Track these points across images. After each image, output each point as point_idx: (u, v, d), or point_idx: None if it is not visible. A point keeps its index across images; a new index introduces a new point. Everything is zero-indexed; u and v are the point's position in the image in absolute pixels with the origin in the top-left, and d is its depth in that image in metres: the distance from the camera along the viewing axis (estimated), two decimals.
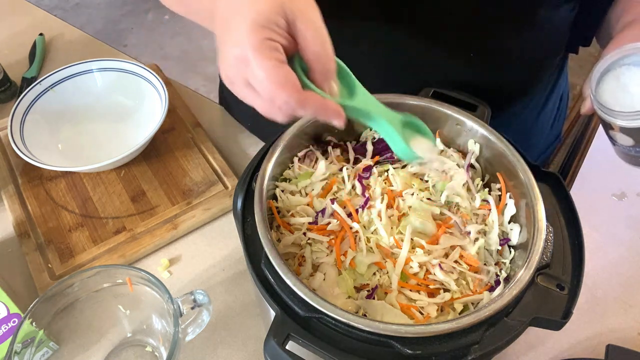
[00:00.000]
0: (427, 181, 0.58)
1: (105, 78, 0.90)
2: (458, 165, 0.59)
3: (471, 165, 0.59)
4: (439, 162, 0.59)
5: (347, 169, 0.59)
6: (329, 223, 0.54)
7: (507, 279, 0.51)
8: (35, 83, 0.85)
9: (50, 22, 1.17)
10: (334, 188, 0.58)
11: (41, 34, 1.09)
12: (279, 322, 0.43)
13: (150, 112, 0.86)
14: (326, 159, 0.60)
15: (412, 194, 0.56)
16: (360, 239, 0.53)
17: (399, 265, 0.50)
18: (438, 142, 0.61)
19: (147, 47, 2.83)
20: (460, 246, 0.53)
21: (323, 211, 0.55)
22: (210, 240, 0.77)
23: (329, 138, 0.63)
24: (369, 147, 0.62)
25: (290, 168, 0.60)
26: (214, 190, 0.80)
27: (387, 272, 0.51)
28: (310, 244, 0.53)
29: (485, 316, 0.42)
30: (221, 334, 0.66)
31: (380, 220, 0.53)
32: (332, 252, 0.52)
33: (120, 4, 3.10)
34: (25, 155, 0.75)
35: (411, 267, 0.51)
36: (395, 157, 0.61)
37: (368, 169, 0.59)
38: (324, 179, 0.58)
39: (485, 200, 0.56)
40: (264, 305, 0.48)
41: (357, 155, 0.62)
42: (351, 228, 0.53)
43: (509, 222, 0.55)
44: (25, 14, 1.19)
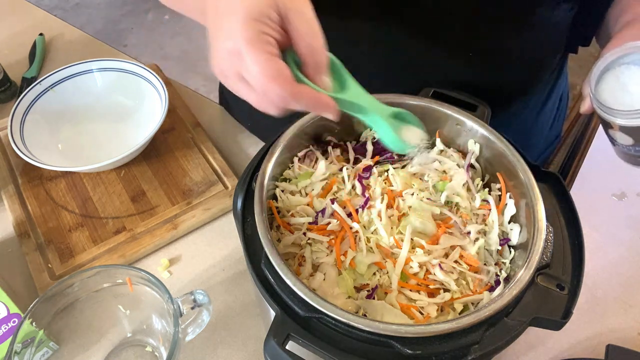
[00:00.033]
0: (427, 181, 0.58)
1: (105, 78, 0.90)
2: (458, 165, 0.59)
3: (471, 165, 0.59)
4: (438, 162, 0.59)
5: (347, 169, 0.59)
6: (329, 223, 0.54)
7: (507, 279, 0.51)
8: (35, 83, 0.85)
9: (50, 22, 1.17)
10: (334, 188, 0.58)
11: (41, 34, 1.09)
12: (279, 322, 0.43)
13: (150, 112, 0.86)
14: (326, 159, 0.60)
15: (412, 194, 0.56)
16: (360, 239, 0.53)
17: (399, 265, 0.50)
18: (438, 142, 0.61)
19: (147, 47, 2.83)
20: (460, 246, 0.53)
21: (323, 211, 0.55)
22: (210, 240, 0.77)
23: (329, 138, 0.63)
24: (369, 147, 0.62)
25: (290, 168, 0.60)
26: (214, 190, 0.80)
27: (387, 272, 0.51)
28: (310, 244, 0.53)
29: (485, 316, 0.42)
30: (221, 334, 0.66)
31: (380, 220, 0.53)
32: (332, 252, 0.52)
33: (120, 4, 3.10)
34: (25, 155, 0.75)
35: (411, 267, 0.51)
36: (395, 157, 0.61)
37: (368, 169, 0.59)
38: (324, 179, 0.58)
39: (485, 200, 0.56)
40: (264, 305, 0.48)
41: (357, 155, 0.62)
42: (351, 228, 0.53)
43: (509, 222, 0.55)
44: (25, 14, 1.19)
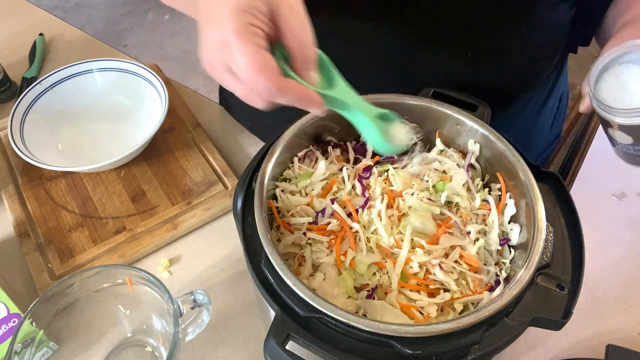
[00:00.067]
0: (427, 181, 0.58)
1: (105, 78, 0.90)
2: (458, 165, 0.59)
3: (471, 165, 0.59)
4: (438, 162, 0.59)
5: (347, 169, 0.59)
6: (329, 223, 0.54)
7: (507, 279, 0.51)
8: (35, 83, 0.85)
9: (50, 22, 1.17)
10: (334, 188, 0.58)
11: (41, 34, 1.09)
12: (279, 322, 0.43)
13: (150, 112, 0.86)
14: (326, 159, 0.60)
15: (412, 194, 0.56)
16: (360, 239, 0.53)
17: (399, 265, 0.50)
18: (438, 142, 0.61)
19: (147, 47, 2.83)
20: (460, 246, 0.53)
21: (323, 211, 0.55)
22: (210, 240, 0.77)
23: (329, 138, 0.63)
24: (369, 147, 0.62)
25: (290, 168, 0.60)
26: (214, 190, 0.80)
27: (387, 272, 0.51)
28: (310, 244, 0.53)
29: (485, 316, 0.42)
30: (221, 334, 0.66)
31: (380, 220, 0.53)
32: (332, 252, 0.52)
33: (120, 4, 3.10)
34: (25, 155, 0.75)
35: (411, 267, 0.51)
36: (395, 158, 0.61)
37: (368, 169, 0.59)
38: (324, 179, 0.58)
39: (485, 200, 0.56)
40: (264, 305, 0.48)
41: (357, 155, 0.62)
42: (351, 228, 0.53)
43: (509, 222, 0.55)
44: (25, 14, 1.19)
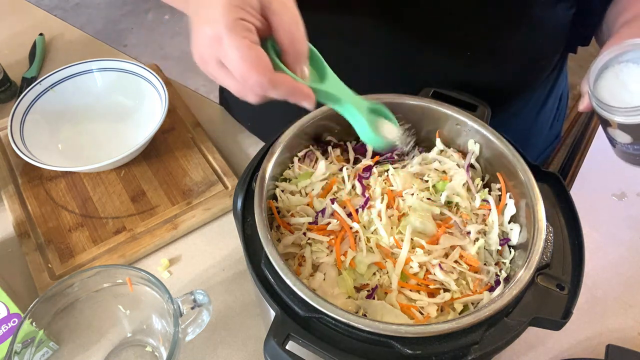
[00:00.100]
0: (427, 181, 0.58)
1: (105, 78, 0.90)
2: (458, 165, 0.59)
3: (471, 165, 0.59)
4: (438, 162, 0.59)
5: (347, 169, 0.59)
6: (329, 223, 0.54)
7: (507, 279, 0.51)
8: (35, 83, 0.85)
9: (50, 22, 1.17)
10: (334, 188, 0.58)
11: (41, 34, 1.09)
12: (279, 322, 0.43)
13: (150, 112, 0.86)
14: (326, 159, 0.60)
15: (412, 194, 0.56)
16: (360, 239, 0.53)
17: (399, 265, 0.50)
18: (438, 142, 0.61)
19: (147, 47, 2.82)
20: (460, 246, 0.53)
21: (323, 211, 0.55)
22: (210, 240, 0.77)
23: (329, 138, 0.63)
24: (369, 147, 0.62)
25: (290, 168, 0.60)
26: (214, 190, 0.80)
27: (387, 272, 0.51)
28: (310, 244, 0.53)
29: (485, 316, 0.42)
30: (221, 334, 0.66)
31: (380, 220, 0.53)
32: (332, 252, 0.52)
33: (120, 4, 3.10)
34: (25, 155, 0.75)
35: (411, 267, 0.51)
36: (395, 157, 0.61)
37: (368, 169, 0.59)
38: (324, 179, 0.58)
39: (485, 200, 0.56)
40: (264, 305, 0.48)
41: (357, 155, 0.62)
42: (351, 228, 0.53)
43: (509, 222, 0.55)
44: (25, 14, 1.19)
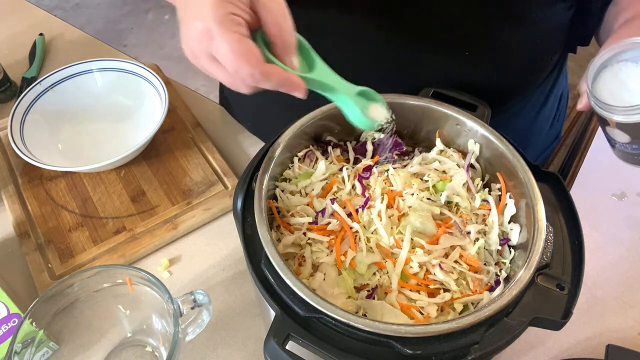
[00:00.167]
0: (427, 181, 0.58)
1: (105, 78, 0.90)
2: (458, 165, 0.59)
3: (471, 165, 0.59)
4: (438, 162, 0.59)
5: (347, 169, 0.59)
6: (329, 223, 0.54)
7: (507, 279, 0.51)
8: (35, 83, 0.85)
9: (50, 22, 1.17)
10: (334, 188, 0.58)
11: (41, 34, 1.09)
12: (279, 322, 0.43)
13: (150, 112, 0.86)
14: (326, 159, 0.60)
15: (412, 194, 0.56)
16: (360, 239, 0.53)
17: (399, 265, 0.50)
18: (438, 142, 0.61)
19: (147, 47, 2.82)
20: (460, 246, 0.53)
21: (323, 211, 0.55)
22: (210, 240, 0.77)
23: (329, 138, 0.63)
24: (369, 147, 0.62)
25: (290, 168, 0.60)
26: (214, 190, 0.80)
27: (387, 272, 0.51)
28: (310, 244, 0.53)
29: (485, 316, 0.42)
30: (221, 334, 0.66)
31: (380, 220, 0.53)
32: (332, 252, 0.52)
33: (120, 4, 3.10)
34: (25, 155, 0.75)
35: (411, 267, 0.51)
36: (395, 157, 0.61)
37: (368, 169, 0.59)
38: (324, 179, 0.58)
39: (485, 200, 0.56)
40: (264, 305, 0.48)
41: (357, 155, 0.62)
42: (351, 228, 0.53)
43: (509, 222, 0.55)
44: (25, 14, 1.19)
